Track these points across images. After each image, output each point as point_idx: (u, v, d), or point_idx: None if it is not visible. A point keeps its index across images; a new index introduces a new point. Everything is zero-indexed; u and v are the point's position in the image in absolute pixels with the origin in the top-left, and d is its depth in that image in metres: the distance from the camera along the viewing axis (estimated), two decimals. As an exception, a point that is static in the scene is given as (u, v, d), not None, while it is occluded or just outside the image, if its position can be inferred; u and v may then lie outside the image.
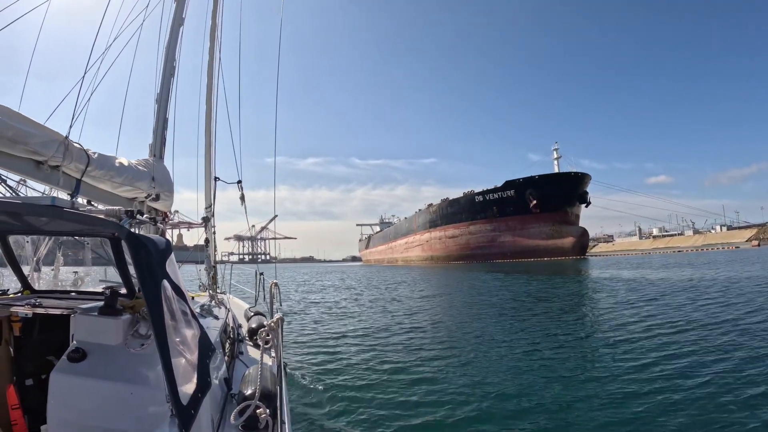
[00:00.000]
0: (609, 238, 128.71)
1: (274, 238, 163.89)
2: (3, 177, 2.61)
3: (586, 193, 55.99)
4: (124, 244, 2.36)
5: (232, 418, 1.89)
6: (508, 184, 56.74)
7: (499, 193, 57.69)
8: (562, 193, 52.90)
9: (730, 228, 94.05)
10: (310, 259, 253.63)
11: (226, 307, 4.01)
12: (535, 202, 53.26)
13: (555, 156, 64.58)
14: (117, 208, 1.86)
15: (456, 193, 70.36)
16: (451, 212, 66.35)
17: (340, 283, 27.68)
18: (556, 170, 61.23)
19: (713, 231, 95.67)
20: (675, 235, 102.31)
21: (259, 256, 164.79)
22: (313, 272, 50.14)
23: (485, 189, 60.19)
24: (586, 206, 56.60)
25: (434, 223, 71.15)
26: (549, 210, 52.93)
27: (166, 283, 1.84)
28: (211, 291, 4.54)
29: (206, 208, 5.09)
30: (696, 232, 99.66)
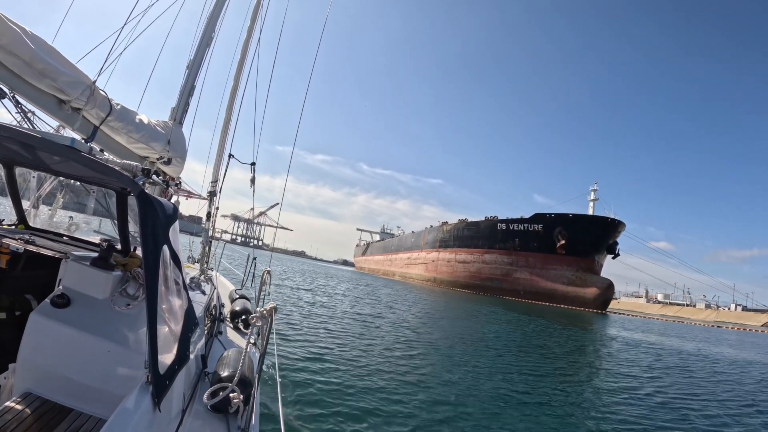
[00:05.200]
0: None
1: (272, 226, 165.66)
2: (24, 108, 2.81)
3: (617, 243, 55.09)
4: (132, 200, 2.52)
5: (204, 397, 2.00)
6: (537, 218, 56.14)
7: (525, 225, 57.10)
8: (594, 238, 52.12)
9: (745, 309, 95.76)
10: (302, 254, 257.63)
11: (212, 284, 4.18)
12: (563, 242, 52.55)
13: (591, 197, 63.69)
14: (134, 164, 1.98)
15: (455, 218, 70.69)
16: (467, 235, 65.90)
17: (377, 310, 17.63)
18: (590, 213, 60.48)
19: (726, 309, 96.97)
20: (684, 305, 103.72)
21: (252, 240, 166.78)
22: (307, 272, 45.88)
23: (510, 217, 59.77)
24: (613, 258, 55.67)
25: (445, 244, 70.70)
26: (576, 254, 52.15)
27: (166, 248, 1.97)
28: (202, 266, 4.72)
29: (212, 183, 5.31)
30: (708, 306, 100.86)
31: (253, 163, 5.38)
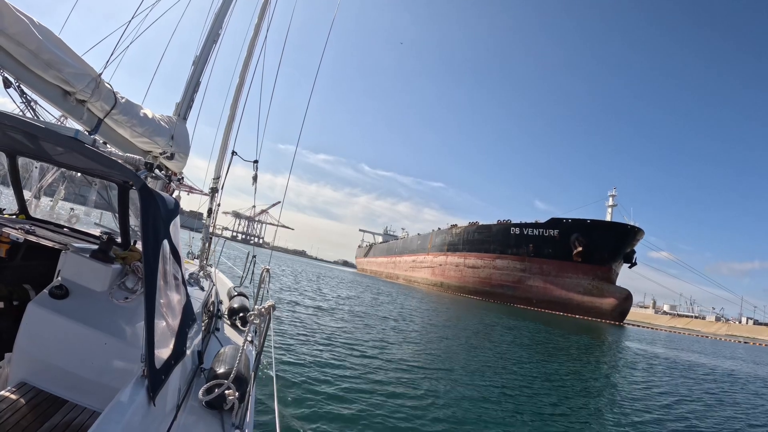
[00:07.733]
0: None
1: (273, 224, 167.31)
2: (28, 98, 2.93)
3: (634, 252, 54.51)
4: (134, 194, 2.62)
5: (200, 393, 2.08)
6: (554, 223, 55.69)
7: (540, 230, 56.65)
8: (612, 245, 51.62)
9: (756, 322, 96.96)
10: (302, 254, 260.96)
11: (211, 281, 4.29)
12: (580, 249, 52.05)
13: (610, 203, 63.13)
14: (137, 157, 2.07)
15: (456, 221, 70.91)
16: (477, 239, 65.57)
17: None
18: (608, 219, 59.97)
19: (737, 322, 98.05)
20: (694, 317, 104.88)
21: (252, 238, 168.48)
22: (312, 274, 41.28)
23: (524, 222, 59.45)
24: (630, 267, 55.06)
25: (454, 247, 70.46)
26: (592, 261, 51.65)
27: (166, 243, 2.05)
28: (201, 262, 4.84)
29: (214, 179, 5.45)
30: (718, 318, 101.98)
31: (255, 161, 5.51)
